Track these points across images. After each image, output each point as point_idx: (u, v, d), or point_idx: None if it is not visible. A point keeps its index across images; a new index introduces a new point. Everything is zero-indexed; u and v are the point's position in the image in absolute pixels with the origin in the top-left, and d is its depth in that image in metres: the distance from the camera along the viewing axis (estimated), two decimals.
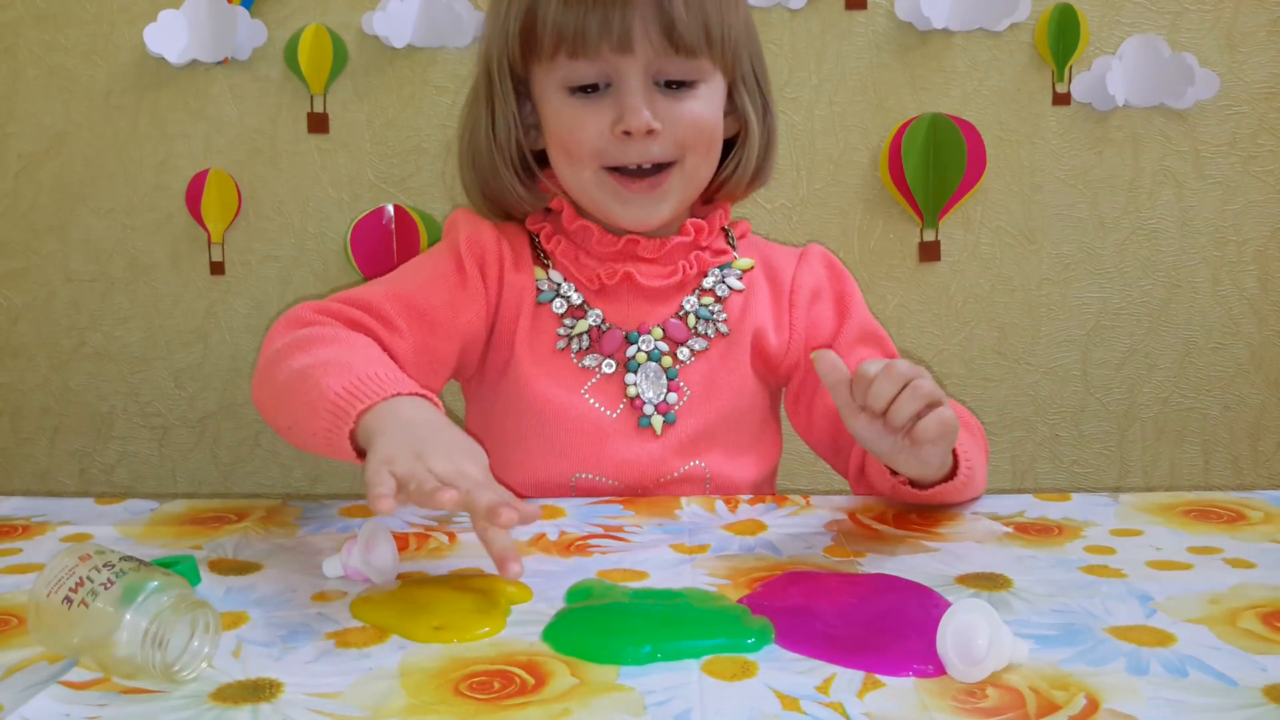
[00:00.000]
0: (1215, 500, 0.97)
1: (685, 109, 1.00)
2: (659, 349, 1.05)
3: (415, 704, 0.62)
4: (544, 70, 1.01)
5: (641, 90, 0.99)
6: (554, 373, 1.05)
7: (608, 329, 1.05)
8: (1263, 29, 1.54)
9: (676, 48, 0.98)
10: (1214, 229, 1.58)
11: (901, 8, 1.53)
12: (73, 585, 0.66)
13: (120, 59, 1.55)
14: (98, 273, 1.59)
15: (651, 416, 1.05)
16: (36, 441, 1.63)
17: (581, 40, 0.97)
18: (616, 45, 0.97)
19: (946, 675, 0.64)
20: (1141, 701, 0.61)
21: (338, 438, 0.83)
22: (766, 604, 0.73)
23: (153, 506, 0.99)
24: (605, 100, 1.00)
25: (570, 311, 1.05)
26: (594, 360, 1.05)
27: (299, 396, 0.87)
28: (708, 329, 1.06)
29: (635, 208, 1.02)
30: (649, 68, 0.99)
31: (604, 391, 1.05)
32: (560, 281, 1.06)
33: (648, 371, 1.05)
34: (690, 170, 1.03)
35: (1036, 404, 1.61)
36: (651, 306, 1.06)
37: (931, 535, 0.89)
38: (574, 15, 0.97)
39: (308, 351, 0.90)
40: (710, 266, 1.08)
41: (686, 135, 1.01)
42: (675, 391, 1.05)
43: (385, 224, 1.56)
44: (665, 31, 0.97)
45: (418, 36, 1.53)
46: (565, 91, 1.00)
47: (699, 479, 1.06)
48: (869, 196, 1.57)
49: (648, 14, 0.97)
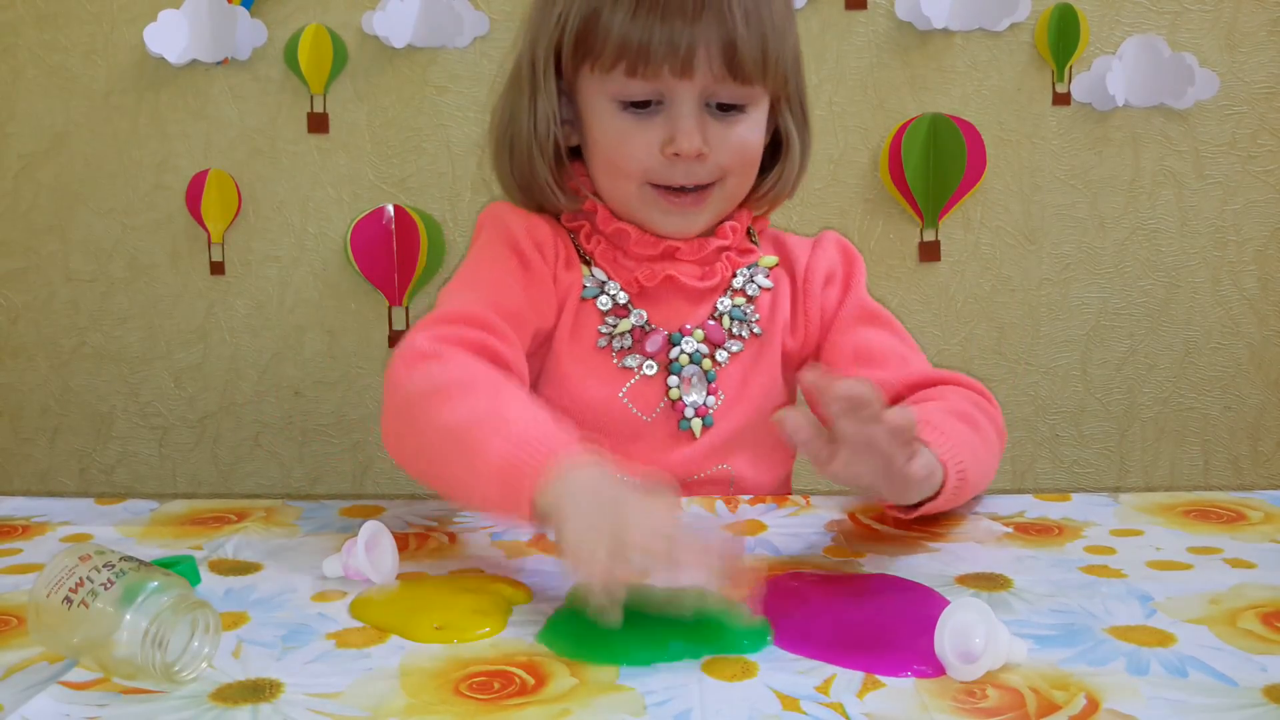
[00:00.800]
0: (1215, 500, 0.97)
1: (734, 134, 1.00)
2: (700, 351, 1.05)
3: (415, 704, 0.62)
4: (596, 78, 1.00)
5: (695, 113, 0.98)
6: (593, 371, 1.04)
7: (651, 330, 1.04)
8: (1263, 29, 1.54)
9: (735, 75, 0.97)
10: (1214, 229, 1.58)
11: (901, 7, 1.53)
12: (73, 585, 0.66)
13: (120, 59, 1.55)
14: (98, 273, 1.59)
15: (691, 420, 1.04)
16: (36, 441, 1.63)
17: (644, 59, 0.96)
18: (679, 70, 0.96)
19: (946, 675, 0.64)
20: (1141, 701, 0.61)
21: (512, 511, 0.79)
22: (768, 604, 0.73)
23: (153, 506, 0.99)
24: (656, 119, 0.99)
25: (614, 310, 1.04)
26: (635, 361, 1.04)
27: (456, 459, 0.83)
28: (742, 330, 1.06)
29: (676, 219, 1.02)
30: (704, 92, 0.98)
31: (642, 394, 1.04)
32: (605, 279, 1.05)
33: (689, 374, 1.04)
34: (731, 190, 1.03)
35: (1036, 404, 1.61)
36: (692, 308, 1.06)
37: (931, 535, 0.89)
38: (639, 31, 0.95)
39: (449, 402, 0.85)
40: (739, 266, 1.07)
41: (732, 161, 1.01)
42: (713, 395, 1.05)
43: (385, 224, 1.56)
44: (726, 58, 0.96)
45: (418, 36, 1.53)
46: (616, 104, 0.99)
47: (723, 481, 1.06)
48: (869, 196, 1.57)
49: (711, 39, 0.96)
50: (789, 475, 1.14)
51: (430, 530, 0.92)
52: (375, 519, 0.83)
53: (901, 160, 1.53)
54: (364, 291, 1.58)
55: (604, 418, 1.03)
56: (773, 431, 1.07)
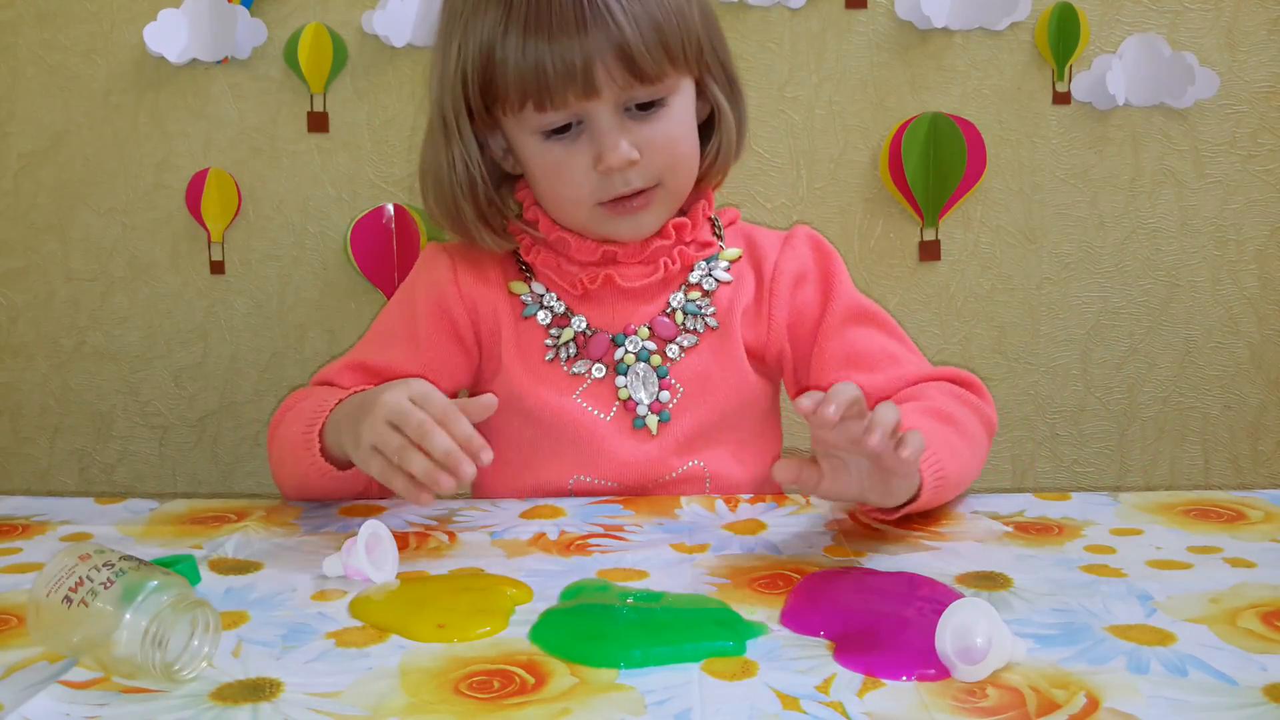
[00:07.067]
0: (1215, 500, 0.97)
1: (659, 132, 1.00)
2: (646, 348, 1.05)
3: (415, 703, 0.62)
4: (511, 118, 1.01)
5: (615, 125, 0.98)
6: (545, 380, 1.05)
7: (592, 334, 1.05)
8: (1263, 28, 1.54)
9: (640, 78, 0.97)
10: (1214, 228, 1.58)
11: (902, 6, 1.53)
12: (72, 585, 0.66)
13: (120, 58, 1.55)
14: (97, 272, 1.59)
15: (645, 417, 1.05)
16: (36, 441, 1.63)
17: (546, 90, 0.96)
18: (582, 93, 0.96)
19: (949, 677, 0.64)
20: (1141, 700, 0.61)
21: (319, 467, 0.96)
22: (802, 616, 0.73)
23: (153, 506, 0.99)
24: (581, 138, 0.99)
25: (555, 321, 1.06)
26: (583, 366, 1.05)
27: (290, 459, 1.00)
28: (696, 324, 1.06)
29: (628, 224, 1.03)
30: (617, 102, 0.98)
31: (596, 395, 1.05)
32: (543, 292, 1.06)
33: (637, 372, 1.05)
34: (673, 187, 1.03)
35: (1036, 403, 1.61)
36: (636, 306, 1.06)
37: (931, 535, 0.89)
38: (532, 59, 0.95)
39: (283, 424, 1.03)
40: (695, 260, 1.07)
41: (663, 163, 1.01)
42: (668, 390, 1.05)
43: (385, 223, 1.56)
44: (625, 65, 0.96)
45: (418, 35, 1.53)
46: (539, 136, 1.00)
47: (698, 478, 1.06)
48: (869, 196, 1.57)
49: (604, 49, 0.95)
50: (769, 475, 1.13)
51: (430, 529, 0.92)
52: (375, 518, 0.83)
53: (901, 159, 1.53)
54: (364, 291, 1.58)
55: (564, 421, 1.04)
56: (748, 425, 1.09)
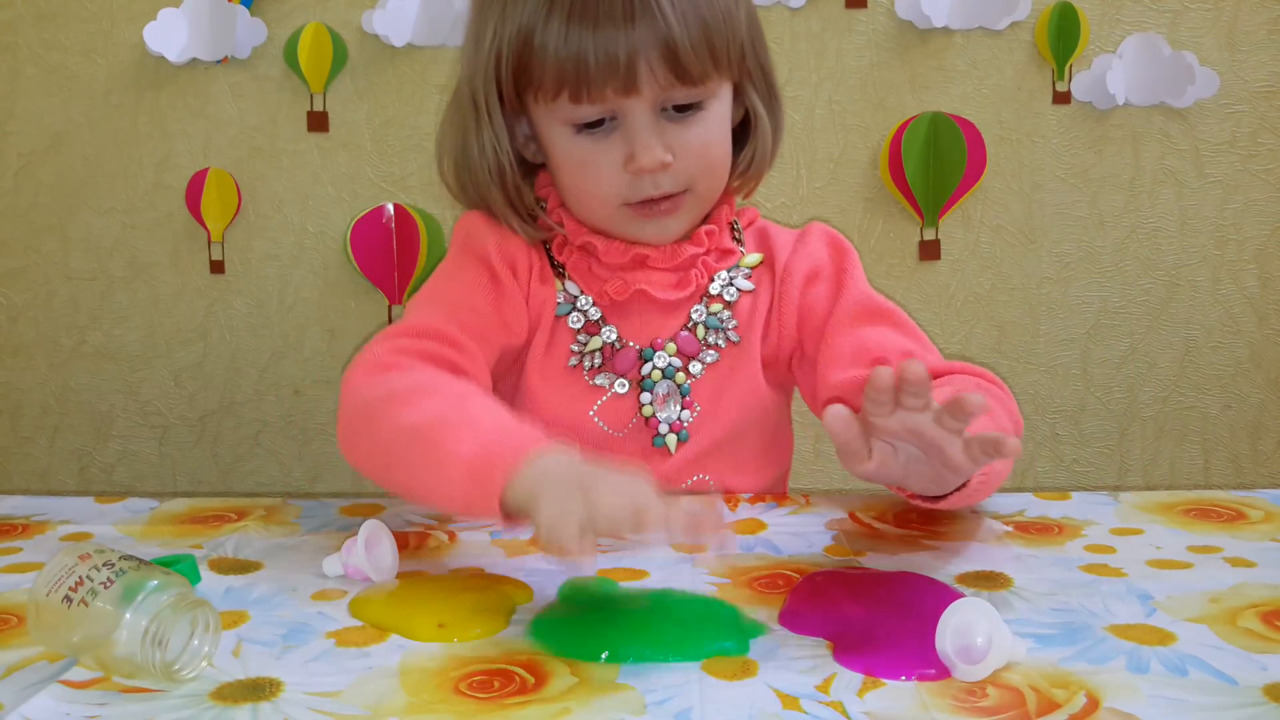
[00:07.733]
0: (1215, 499, 0.97)
1: (694, 137, 0.96)
2: (673, 365, 1.01)
3: (415, 703, 0.62)
4: (543, 106, 0.96)
5: (650, 125, 0.94)
6: (562, 389, 1.01)
7: (622, 346, 1.00)
8: (1263, 28, 1.54)
9: (682, 79, 0.93)
10: (1214, 228, 1.58)
11: (902, 6, 1.53)
12: (72, 584, 0.66)
13: (120, 57, 1.55)
14: (97, 271, 1.59)
15: (666, 436, 1.01)
16: (36, 440, 1.63)
17: (586, 82, 0.91)
18: (622, 88, 0.92)
19: (949, 677, 0.64)
20: (1142, 700, 0.61)
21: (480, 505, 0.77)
22: (801, 617, 0.73)
23: (153, 505, 0.99)
24: (614, 135, 0.95)
25: (586, 327, 1.01)
26: (606, 379, 1.00)
27: (419, 458, 0.82)
28: (718, 339, 1.02)
29: (653, 227, 0.99)
30: (655, 102, 0.94)
31: (613, 411, 1.01)
32: (577, 294, 1.01)
33: (662, 390, 1.01)
34: (703, 192, 0.99)
35: (1036, 403, 1.61)
36: (664, 320, 1.02)
37: (931, 534, 0.89)
38: (574, 49, 0.91)
39: (411, 405, 0.86)
40: (717, 270, 1.03)
41: (697, 167, 0.97)
42: (688, 409, 1.01)
43: (385, 223, 1.56)
44: (669, 64, 0.92)
45: (418, 35, 1.53)
46: (570, 128, 0.96)
47: (703, 491, 1.04)
48: (869, 195, 1.57)
49: (650, 45, 0.91)
50: (784, 475, 1.12)
51: (430, 529, 0.92)
52: (375, 517, 0.83)
53: (901, 159, 1.53)
54: (364, 290, 1.58)
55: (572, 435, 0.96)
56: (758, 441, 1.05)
